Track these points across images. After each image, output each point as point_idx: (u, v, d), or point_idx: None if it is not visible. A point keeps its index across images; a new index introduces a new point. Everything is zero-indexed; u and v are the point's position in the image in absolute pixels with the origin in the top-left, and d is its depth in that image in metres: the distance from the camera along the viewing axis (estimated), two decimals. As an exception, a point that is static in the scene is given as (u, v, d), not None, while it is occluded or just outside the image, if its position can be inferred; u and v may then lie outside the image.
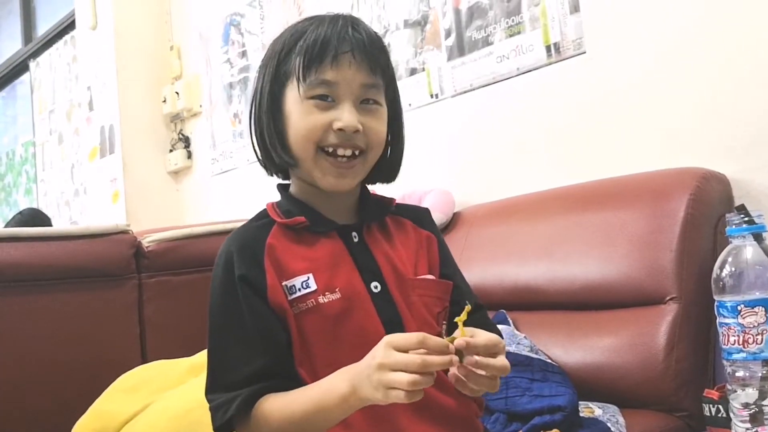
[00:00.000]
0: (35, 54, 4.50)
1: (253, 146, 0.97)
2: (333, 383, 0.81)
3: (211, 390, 0.89)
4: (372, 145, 0.92)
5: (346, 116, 0.88)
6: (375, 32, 0.94)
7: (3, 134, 5.22)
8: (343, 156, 0.90)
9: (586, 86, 1.78)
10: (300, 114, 0.89)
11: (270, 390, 0.86)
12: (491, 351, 0.78)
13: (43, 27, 4.58)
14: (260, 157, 0.96)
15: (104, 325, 1.60)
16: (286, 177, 0.99)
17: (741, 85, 1.49)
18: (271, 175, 0.99)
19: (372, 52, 0.91)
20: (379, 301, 0.89)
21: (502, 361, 0.78)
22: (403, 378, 0.73)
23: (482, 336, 0.79)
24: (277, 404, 0.85)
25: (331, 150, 0.89)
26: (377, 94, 0.92)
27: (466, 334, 0.78)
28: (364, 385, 0.77)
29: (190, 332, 1.41)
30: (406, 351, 0.74)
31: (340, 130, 0.88)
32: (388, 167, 0.98)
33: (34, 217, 2.76)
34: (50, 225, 2.77)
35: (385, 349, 0.76)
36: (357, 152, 0.90)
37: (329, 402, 0.81)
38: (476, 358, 0.77)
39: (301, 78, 0.89)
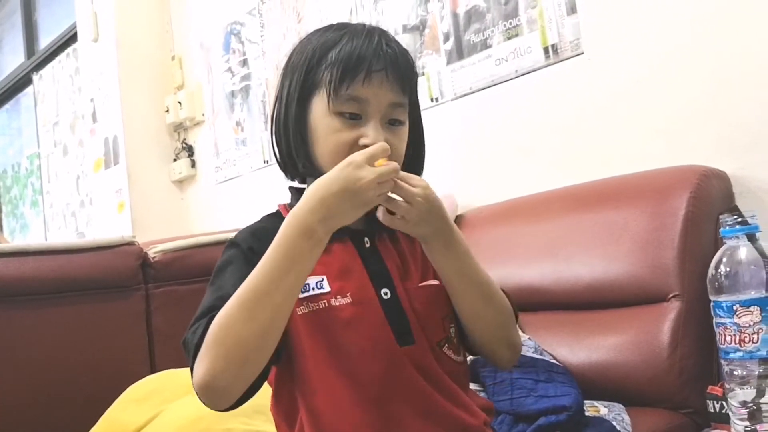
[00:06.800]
0: (38, 67, 4.52)
1: (274, 150, 0.97)
2: (288, 235, 0.81)
3: (191, 325, 0.84)
4: None
5: (372, 134, 0.88)
6: (404, 48, 0.94)
7: (8, 147, 5.25)
8: None
9: (584, 86, 1.79)
10: (327, 129, 0.90)
11: None
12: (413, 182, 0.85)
13: (46, 40, 4.60)
14: (280, 162, 0.96)
15: (113, 336, 1.62)
16: (303, 181, 0.99)
17: (740, 83, 1.50)
18: (290, 180, 0.99)
19: (405, 72, 0.92)
20: (388, 308, 0.89)
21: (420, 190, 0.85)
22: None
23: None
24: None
25: None
26: (402, 114, 0.93)
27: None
28: (338, 208, 0.81)
29: (198, 341, 1.42)
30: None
31: (365, 147, 0.87)
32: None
33: None
34: None
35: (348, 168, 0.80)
36: None
37: (294, 255, 0.80)
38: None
39: (332, 92, 0.88)
